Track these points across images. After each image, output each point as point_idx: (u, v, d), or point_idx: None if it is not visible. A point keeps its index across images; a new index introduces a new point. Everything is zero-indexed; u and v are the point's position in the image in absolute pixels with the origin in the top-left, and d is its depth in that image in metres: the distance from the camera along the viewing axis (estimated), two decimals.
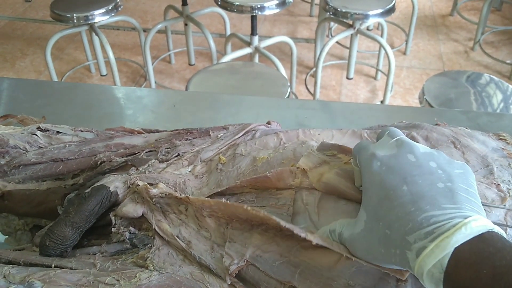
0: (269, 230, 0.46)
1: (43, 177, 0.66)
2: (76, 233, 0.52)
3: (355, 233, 0.41)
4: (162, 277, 0.47)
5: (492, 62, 2.84)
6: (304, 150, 0.54)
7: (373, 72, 2.77)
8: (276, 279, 0.44)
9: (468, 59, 2.89)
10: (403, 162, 0.41)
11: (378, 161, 0.42)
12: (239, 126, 0.63)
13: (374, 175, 0.41)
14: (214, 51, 2.38)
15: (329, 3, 2.15)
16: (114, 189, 0.54)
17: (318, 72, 2.31)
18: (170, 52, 2.88)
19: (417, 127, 0.56)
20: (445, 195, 0.37)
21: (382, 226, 0.38)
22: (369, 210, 0.40)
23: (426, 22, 3.28)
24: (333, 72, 2.80)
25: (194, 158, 0.59)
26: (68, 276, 0.48)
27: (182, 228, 0.50)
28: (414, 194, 0.37)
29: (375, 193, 0.40)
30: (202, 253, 0.48)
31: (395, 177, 0.39)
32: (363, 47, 2.99)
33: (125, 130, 0.70)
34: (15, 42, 3.12)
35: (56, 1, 2.28)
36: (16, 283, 0.48)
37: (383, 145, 0.44)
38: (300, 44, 2.99)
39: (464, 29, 3.19)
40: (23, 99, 0.91)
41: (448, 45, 3.03)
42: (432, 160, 0.41)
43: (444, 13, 3.39)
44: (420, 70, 2.81)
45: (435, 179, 0.39)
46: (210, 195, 0.52)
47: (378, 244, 0.38)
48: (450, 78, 1.77)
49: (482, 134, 0.54)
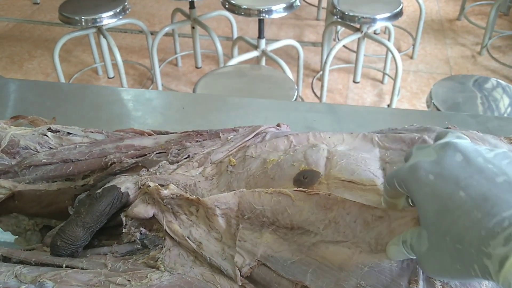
0: (280, 229, 0.47)
1: (53, 177, 0.67)
2: (87, 233, 0.52)
3: (422, 252, 0.38)
4: (173, 278, 0.47)
5: (500, 66, 2.83)
6: (314, 153, 0.54)
7: (380, 76, 2.76)
8: (287, 279, 0.44)
9: (475, 63, 2.88)
10: (450, 165, 0.37)
11: (423, 171, 0.38)
12: (249, 128, 0.63)
13: (424, 187, 0.37)
14: (221, 54, 2.38)
15: (336, 6, 2.15)
16: (125, 190, 0.54)
17: (325, 76, 2.31)
18: (177, 55, 2.89)
19: (428, 130, 0.56)
20: (508, 189, 0.34)
21: (451, 241, 0.35)
22: (429, 227, 0.37)
23: (433, 26, 3.28)
24: (339, 75, 2.80)
25: (204, 159, 0.59)
26: (79, 276, 0.48)
27: (193, 229, 0.50)
28: (474, 199, 0.34)
29: (430, 207, 0.36)
30: (213, 254, 0.48)
31: (447, 185, 0.36)
32: (370, 51, 2.99)
33: (135, 132, 0.71)
34: (23, 44, 3.14)
35: (65, 3, 2.29)
36: (27, 282, 0.48)
37: (423, 153, 0.40)
38: (307, 47, 3.00)
39: (472, 34, 3.18)
40: (32, 100, 0.92)
41: (455, 49, 3.03)
42: (478, 156, 0.37)
43: (451, 18, 3.38)
44: (427, 74, 2.80)
45: (489, 175, 0.35)
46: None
47: (451, 261, 0.35)
48: (457, 82, 1.77)
49: (494, 138, 0.54)
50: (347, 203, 0.47)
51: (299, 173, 0.52)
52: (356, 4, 2.17)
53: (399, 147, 0.55)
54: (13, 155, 0.69)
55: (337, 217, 0.46)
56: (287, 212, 0.47)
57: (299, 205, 0.47)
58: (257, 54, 2.25)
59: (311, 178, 0.51)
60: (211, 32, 2.39)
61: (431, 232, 0.36)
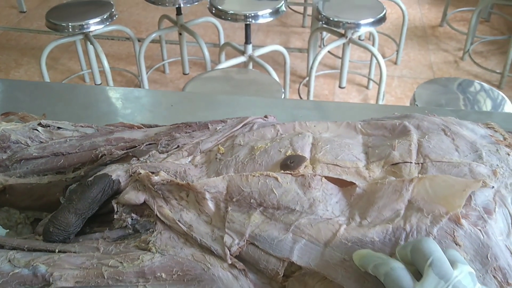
0: (267, 210, 0.48)
1: (44, 171, 0.68)
2: (79, 220, 0.53)
3: None
4: (164, 259, 0.48)
5: (482, 71, 2.89)
6: (300, 140, 0.56)
7: (365, 81, 2.80)
8: (275, 256, 0.46)
9: (457, 68, 2.94)
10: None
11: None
12: (237, 119, 0.65)
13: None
14: (208, 60, 2.40)
15: (321, 12, 2.19)
16: (116, 177, 0.55)
17: (311, 81, 2.34)
18: (164, 61, 2.91)
19: (408, 117, 0.58)
20: None
21: None
22: None
23: (416, 33, 3.34)
24: (325, 81, 2.83)
25: (194, 149, 0.61)
26: (72, 259, 0.49)
27: (183, 213, 0.52)
28: None
29: None
30: (203, 236, 0.49)
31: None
32: (355, 57, 3.03)
33: (124, 126, 0.72)
34: (10, 52, 3.13)
35: (52, 10, 2.30)
36: (21, 267, 0.49)
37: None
38: (293, 54, 3.03)
39: (454, 40, 3.25)
40: (22, 99, 0.92)
41: (438, 55, 3.09)
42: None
43: (434, 24, 3.45)
44: (411, 79, 2.85)
45: None
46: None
47: None
48: (440, 85, 1.80)
49: (471, 123, 0.57)
50: (330, 183, 0.49)
51: (285, 158, 0.54)
52: (341, 10, 2.21)
53: (381, 133, 0.57)
54: (4, 149, 0.70)
55: (321, 196, 0.48)
56: (273, 194, 0.49)
57: (285, 186, 0.49)
58: (244, 60, 2.28)
59: (297, 162, 0.53)
60: (198, 38, 2.41)
61: None
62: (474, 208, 0.45)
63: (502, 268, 0.43)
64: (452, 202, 0.44)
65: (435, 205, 0.45)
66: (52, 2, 2.61)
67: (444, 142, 0.53)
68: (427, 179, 0.46)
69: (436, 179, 0.46)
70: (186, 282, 0.47)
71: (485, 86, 1.79)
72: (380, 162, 0.52)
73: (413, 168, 0.51)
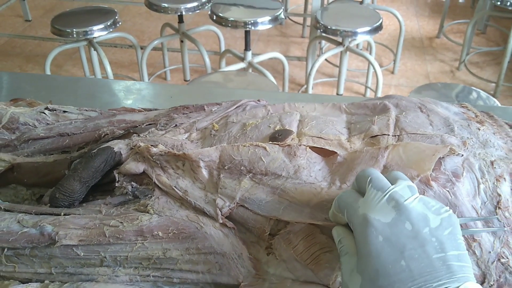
0: (256, 176, 0.53)
1: (50, 150, 0.72)
2: (83, 187, 0.58)
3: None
4: (161, 219, 0.52)
5: (477, 81, 2.94)
6: (288, 117, 0.61)
7: (362, 89, 2.86)
8: (262, 215, 0.50)
9: (454, 78, 3.00)
10: (400, 233, 0.40)
11: (374, 230, 0.41)
12: (232, 102, 0.69)
13: (370, 245, 0.41)
14: (209, 67, 2.46)
15: (320, 21, 2.25)
16: (118, 149, 0.60)
17: (309, 89, 2.39)
18: (166, 68, 2.97)
19: (389, 97, 0.63)
20: (440, 268, 0.39)
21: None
22: (365, 277, 0.41)
23: (413, 44, 3.40)
24: (324, 89, 2.89)
25: (190, 127, 0.65)
26: (76, 220, 0.54)
27: (179, 181, 0.56)
28: (412, 271, 0.39)
29: (371, 263, 0.40)
30: (197, 199, 0.54)
31: (393, 251, 0.40)
32: (352, 66, 3.09)
33: (126, 110, 0.77)
34: (14, 59, 3.20)
35: (57, 17, 2.36)
36: (29, 227, 0.54)
37: (375, 206, 0.42)
38: (292, 62, 3.09)
39: (450, 50, 3.31)
40: (28, 90, 0.97)
41: (434, 65, 3.15)
42: (426, 226, 0.41)
43: (431, 36, 3.52)
44: (408, 87, 2.90)
45: (430, 250, 0.40)
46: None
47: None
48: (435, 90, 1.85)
49: (446, 103, 0.61)
50: (313, 153, 0.53)
51: (274, 132, 0.58)
52: (339, 19, 2.27)
53: (363, 112, 0.62)
54: (13, 130, 0.75)
55: (305, 164, 0.53)
56: (262, 161, 0.53)
57: (272, 155, 0.54)
58: (243, 66, 2.33)
59: (285, 135, 0.57)
60: (199, 45, 2.47)
61: (366, 282, 0.41)
62: (443, 172, 0.50)
63: (468, 225, 0.47)
64: (423, 165, 0.49)
65: (408, 169, 0.49)
66: (57, 12, 2.68)
67: (419, 118, 0.57)
68: (401, 146, 0.51)
69: (409, 146, 0.51)
70: (181, 240, 0.51)
71: (482, 93, 1.83)
72: (361, 135, 0.57)
73: (390, 140, 0.55)
